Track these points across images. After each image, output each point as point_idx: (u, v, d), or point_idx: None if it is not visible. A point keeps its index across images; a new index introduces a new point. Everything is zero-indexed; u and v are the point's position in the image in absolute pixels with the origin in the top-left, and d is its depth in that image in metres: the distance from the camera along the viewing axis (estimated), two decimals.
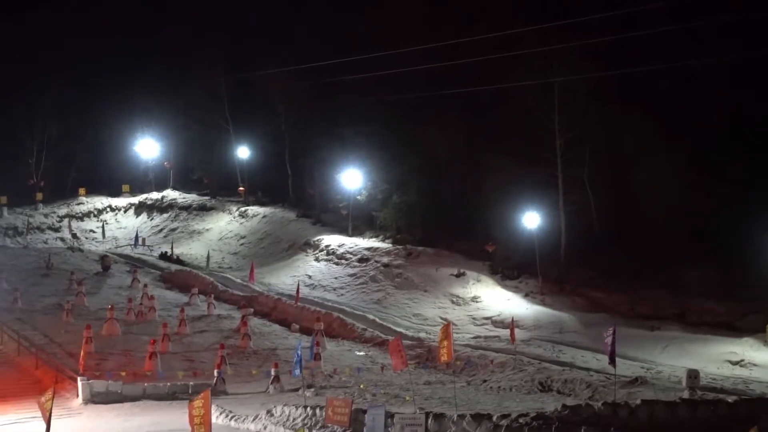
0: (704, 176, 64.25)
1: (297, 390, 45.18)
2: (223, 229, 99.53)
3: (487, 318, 65.50)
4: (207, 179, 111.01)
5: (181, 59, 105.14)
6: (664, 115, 68.31)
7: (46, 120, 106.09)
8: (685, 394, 39.35)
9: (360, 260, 77.92)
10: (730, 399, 34.05)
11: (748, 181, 62.37)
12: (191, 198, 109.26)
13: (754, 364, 51.50)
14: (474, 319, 65.50)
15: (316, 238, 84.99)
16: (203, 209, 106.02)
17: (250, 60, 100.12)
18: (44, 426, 27.89)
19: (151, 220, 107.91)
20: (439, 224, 78.88)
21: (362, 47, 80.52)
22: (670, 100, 69.24)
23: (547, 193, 73.05)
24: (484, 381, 48.70)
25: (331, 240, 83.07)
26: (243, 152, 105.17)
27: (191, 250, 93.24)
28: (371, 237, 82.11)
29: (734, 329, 58.20)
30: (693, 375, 43.49)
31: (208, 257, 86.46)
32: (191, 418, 28.68)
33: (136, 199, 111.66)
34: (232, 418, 39.50)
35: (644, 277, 65.94)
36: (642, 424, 28.99)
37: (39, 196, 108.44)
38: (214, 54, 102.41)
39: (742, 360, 52.89)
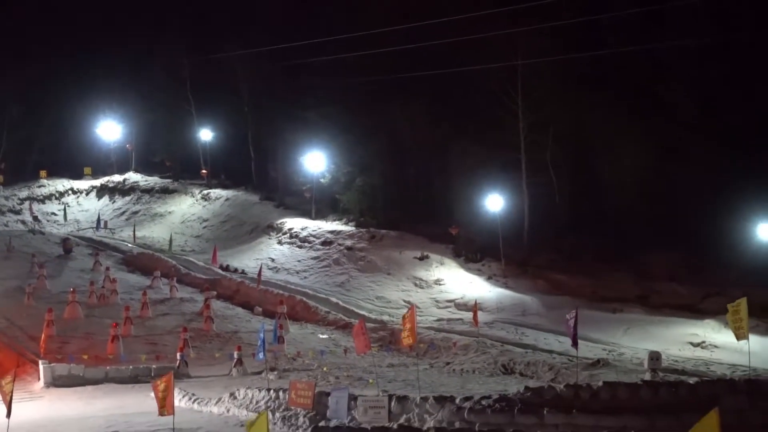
0: (670, 161, 64.44)
1: (260, 373, 45.26)
2: (185, 212, 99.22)
3: (450, 301, 65.65)
4: (169, 162, 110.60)
5: (142, 40, 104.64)
6: (631, 99, 68.49)
7: (6, 101, 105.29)
8: (647, 376, 39.69)
9: (323, 243, 77.89)
10: (692, 381, 34.34)
11: (715, 166, 62.66)
12: (153, 181, 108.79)
13: (715, 346, 51.87)
14: (437, 301, 65.64)
15: (279, 221, 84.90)
16: (165, 192, 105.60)
17: (212, 41, 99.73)
18: (4, 409, 27.78)
19: (113, 203, 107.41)
20: (403, 207, 78.95)
21: (327, 29, 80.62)
22: (637, 83, 69.29)
23: (511, 176, 73.25)
24: (447, 363, 48.85)
25: (294, 223, 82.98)
26: (206, 134, 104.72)
27: (153, 233, 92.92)
28: (334, 220, 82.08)
29: (696, 311, 58.52)
30: (655, 357, 43.84)
31: (170, 240, 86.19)
32: (157, 397, 28.75)
33: (98, 182, 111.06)
34: (195, 401, 39.48)
35: (608, 260, 66.34)
36: (604, 405, 29.19)
37: None
38: (176, 35, 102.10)
39: (704, 342, 53.24)
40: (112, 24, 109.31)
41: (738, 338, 41.69)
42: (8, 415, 27.27)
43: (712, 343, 52.61)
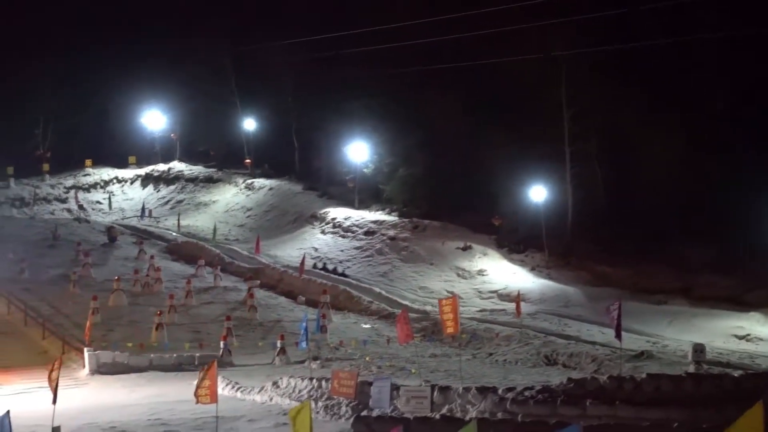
0: (704, 152, 64.04)
1: (303, 362, 45.36)
2: (229, 201, 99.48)
3: (493, 291, 65.58)
4: (213, 151, 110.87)
5: (187, 30, 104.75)
6: (668, 90, 68.03)
7: (53, 90, 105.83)
8: (691, 369, 39.45)
9: (366, 233, 77.93)
10: (736, 373, 34.14)
11: (751, 156, 62.17)
12: (198, 170, 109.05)
13: (760, 339, 51.59)
14: (480, 292, 65.58)
15: (322, 211, 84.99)
16: (209, 181, 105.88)
17: (256, 32, 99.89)
18: (51, 396, 28.02)
19: (157, 191, 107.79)
20: (446, 198, 78.83)
21: (369, 20, 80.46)
22: (673, 75, 68.87)
23: (552, 167, 73.08)
24: (490, 354, 48.80)
25: (338, 213, 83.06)
26: (249, 124, 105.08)
27: (197, 222, 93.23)
28: (377, 210, 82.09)
29: (740, 303, 58.22)
30: (699, 349, 43.60)
31: (214, 229, 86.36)
32: (197, 388, 28.85)
33: (142, 171, 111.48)
34: (238, 389, 39.64)
35: (648, 251, 65.98)
36: (647, 397, 29.03)
37: (46, 167, 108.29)
38: (221, 26, 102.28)
39: (749, 334, 52.95)
40: (156, 14, 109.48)
41: None
42: (54, 401, 27.49)
43: (757, 335, 52.32)
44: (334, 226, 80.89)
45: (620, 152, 69.40)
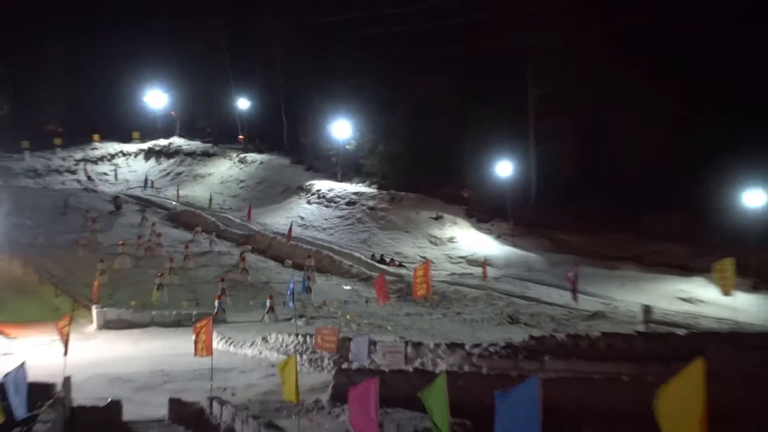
0: (666, 132, 64.06)
1: (290, 320, 45.51)
2: (224, 173, 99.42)
3: (461, 257, 65.72)
4: (209, 128, 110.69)
5: (186, 13, 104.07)
6: (638, 74, 67.96)
7: (65, 72, 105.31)
8: (640, 328, 39.69)
9: (348, 203, 77.94)
10: (681, 332, 34.31)
11: (704, 137, 62.31)
12: (195, 145, 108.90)
13: (702, 301, 51.86)
14: (450, 257, 65.70)
15: (308, 183, 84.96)
16: (206, 155, 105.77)
17: (249, 13, 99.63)
18: (63, 349, 28.02)
19: (159, 164, 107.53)
20: (422, 172, 78.82)
21: (355, 5, 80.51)
22: (639, 61, 68.76)
23: (520, 143, 73.29)
24: (458, 313, 48.99)
25: (322, 185, 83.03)
26: (243, 103, 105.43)
27: (195, 192, 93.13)
28: (358, 182, 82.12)
29: (686, 269, 58.59)
30: (647, 310, 43.90)
31: (210, 199, 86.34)
32: (195, 342, 28.91)
33: (145, 146, 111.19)
34: (231, 343, 39.78)
35: (611, 222, 66.22)
36: (601, 353, 29.24)
37: (57, 141, 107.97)
38: (216, 6, 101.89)
39: (692, 297, 53.25)
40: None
41: (724, 294, 41.58)
42: (65, 353, 27.51)
43: (700, 298, 52.60)
44: (319, 197, 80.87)
45: (589, 130, 69.37)
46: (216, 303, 48.21)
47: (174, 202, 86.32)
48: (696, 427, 9.62)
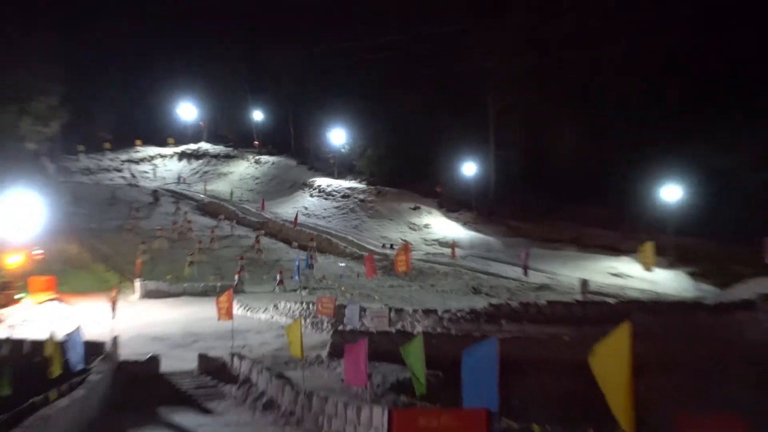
0: (599, 139, 64.07)
1: (296, 290, 45.42)
2: (242, 172, 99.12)
3: (435, 240, 65.75)
4: (231, 135, 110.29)
5: (211, 43, 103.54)
6: (574, 92, 67.95)
7: (114, 89, 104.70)
8: (579, 297, 39.77)
9: (343, 196, 77.89)
10: (611, 301, 34.45)
11: (632, 142, 62.42)
12: (219, 149, 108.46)
13: (629, 276, 52.13)
14: (425, 240, 65.72)
15: (310, 180, 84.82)
16: (228, 157, 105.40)
17: (264, 44, 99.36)
18: (111, 314, 28.03)
19: (189, 164, 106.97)
20: (402, 171, 78.58)
21: (350, 37, 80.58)
22: (579, 79, 68.68)
23: (483, 148, 73.69)
24: (432, 285, 48.99)
25: (322, 181, 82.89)
26: (257, 115, 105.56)
27: (219, 187, 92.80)
28: (351, 179, 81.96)
29: (616, 250, 58.75)
30: (584, 283, 43.97)
31: (231, 193, 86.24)
32: (218, 308, 28.91)
33: (178, 149, 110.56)
34: (248, 309, 39.77)
35: (550, 211, 66.48)
36: (546, 317, 29.36)
37: (107, 145, 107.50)
38: (237, 39, 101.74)
39: (620, 272, 53.48)
40: (186, 30, 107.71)
41: (646, 270, 41.71)
42: (114, 317, 27.53)
43: (627, 274, 52.84)
44: (320, 191, 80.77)
45: (537, 137, 69.30)
46: (236, 277, 48.14)
47: (202, 195, 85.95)
48: (623, 376, 9.68)
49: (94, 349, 26.29)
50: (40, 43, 76.11)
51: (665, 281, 50.07)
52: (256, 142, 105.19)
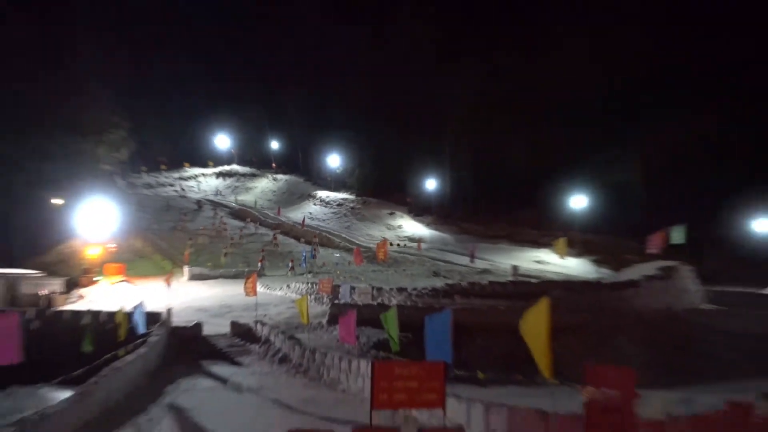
0: (536, 155, 63.89)
1: (303, 274, 45.36)
2: (263, 187, 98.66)
3: (405, 237, 65.69)
4: (254, 159, 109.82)
5: (239, 92, 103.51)
6: (510, 126, 67.78)
7: (170, 123, 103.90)
8: (511, 278, 39.88)
9: (338, 205, 77.78)
10: (535, 281, 34.54)
11: (553, 162, 62.52)
12: (246, 170, 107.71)
13: (548, 262, 52.26)
14: (398, 237, 65.62)
15: (314, 192, 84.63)
16: (253, 176, 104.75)
17: (278, 93, 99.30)
18: (167, 291, 27.84)
19: (224, 181, 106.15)
20: (382, 186, 78.60)
21: (343, 84, 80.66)
22: (514, 116, 68.48)
23: (443, 168, 74.03)
24: (404, 270, 48.87)
25: (322, 193, 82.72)
26: (274, 144, 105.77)
27: (246, 198, 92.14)
28: (344, 192, 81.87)
29: (538, 244, 58.96)
30: (515, 268, 44.12)
31: (255, 202, 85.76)
32: (246, 286, 28.79)
33: (216, 170, 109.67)
34: (267, 288, 39.61)
35: (494, 214, 66.72)
36: (487, 293, 29.42)
37: (163, 167, 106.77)
38: (258, 89, 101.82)
39: (541, 260, 53.64)
40: (223, 80, 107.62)
41: (560, 258, 41.80)
42: (168, 294, 27.32)
43: (546, 261, 52.99)
44: (321, 201, 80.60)
45: (479, 161, 69.40)
46: (259, 264, 48.00)
47: (234, 204, 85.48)
48: (543, 337, 9.75)
49: (153, 318, 26.20)
50: (113, 89, 76.06)
51: (575, 266, 50.35)
52: (274, 165, 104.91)
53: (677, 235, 37.54)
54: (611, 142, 59.50)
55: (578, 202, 56.82)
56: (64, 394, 15.39)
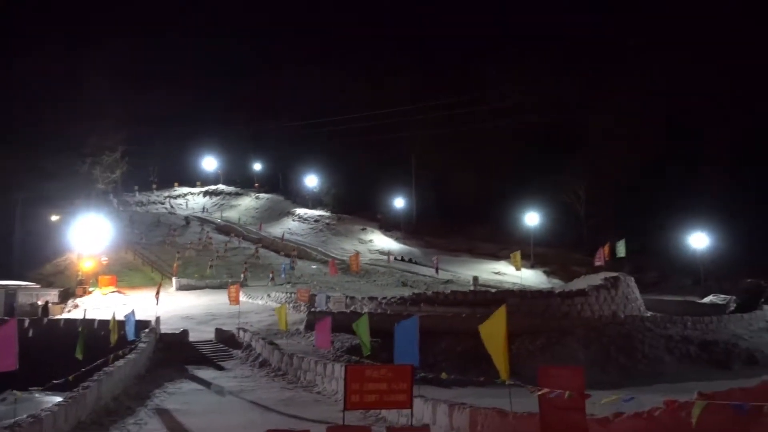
0: (487, 180, 64.31)
1: (282, 284, 45.06)
2: (247, 204, 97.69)
3: (376, 250, 65.59)
4: (238, 179, 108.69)
5: (224, 120, 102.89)
6: (468, 152, 68.34)
7: (159, 147, 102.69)
8: (472, 288, 39.96)
9: (315, 221, 77.29)
10: (493, 290, 34.63)
11: (508, 184, 63.24)
12: (231, 189, 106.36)
13: (505, 273, 52.50)
14: (370, 251, 65.42)
15: (293, 209, 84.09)
16: (237, 195, 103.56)
17: (262, 120, 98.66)
18: (155, 301, 27.44)
19: (211, 199, 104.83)
20: (355, 204, 78.40)
21: (320, 114, 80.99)
22: (472, 144, 69.06)
23: (409, 189, 74.34)
24: (374, 281, 48.84)
25: (301, 211, 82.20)
26: (257, 166, 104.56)
27: (231, 214, 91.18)
28: (321, 209, 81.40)
29: (496, 257, 59.22)
30: (475, 278, 44.33)
31: (239, 219, 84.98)
32: (230, 296, 28.45)
33: (203, 189, 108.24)
34: (249, 297, 39.21)
35: (455, 230, 66.98)
36: (450, 301, 29.41)
37: (154, 186, 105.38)
38: (242, 117, 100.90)
39: (499, 271, 53.91)
40: (209, 107, 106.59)
41: (516, 270, 42.01)
42: (157, 303, 26.97)
43: (503, 272, 53.23)
44: (299, 218, 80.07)
45: (440, 182, 69.78)
46: (242, 275, 47.59)
47: (219, 220, 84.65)
48: (501, 341, 9.72)
49: (143, 325, 25.83)
50: (108, 115, 75.42)
51: (529, 277, 50.60)
52: (257, 184, 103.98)
53: (620, 249, 38.12)
54: (555, 169, 60.53)
55: (531, 219, 57.29)
56: (58, 398, 14.99)
